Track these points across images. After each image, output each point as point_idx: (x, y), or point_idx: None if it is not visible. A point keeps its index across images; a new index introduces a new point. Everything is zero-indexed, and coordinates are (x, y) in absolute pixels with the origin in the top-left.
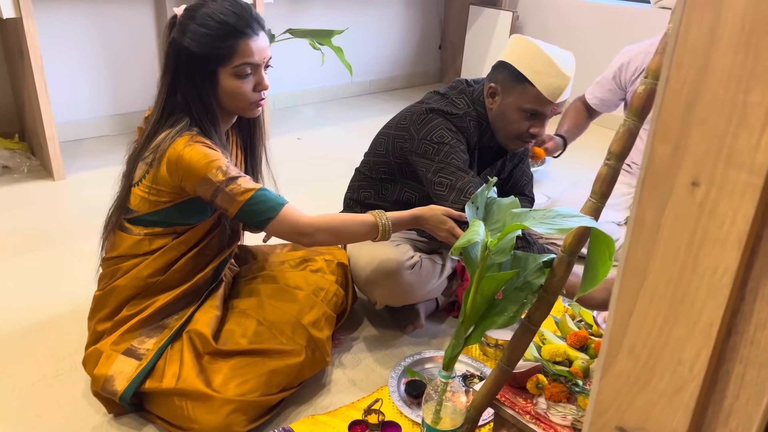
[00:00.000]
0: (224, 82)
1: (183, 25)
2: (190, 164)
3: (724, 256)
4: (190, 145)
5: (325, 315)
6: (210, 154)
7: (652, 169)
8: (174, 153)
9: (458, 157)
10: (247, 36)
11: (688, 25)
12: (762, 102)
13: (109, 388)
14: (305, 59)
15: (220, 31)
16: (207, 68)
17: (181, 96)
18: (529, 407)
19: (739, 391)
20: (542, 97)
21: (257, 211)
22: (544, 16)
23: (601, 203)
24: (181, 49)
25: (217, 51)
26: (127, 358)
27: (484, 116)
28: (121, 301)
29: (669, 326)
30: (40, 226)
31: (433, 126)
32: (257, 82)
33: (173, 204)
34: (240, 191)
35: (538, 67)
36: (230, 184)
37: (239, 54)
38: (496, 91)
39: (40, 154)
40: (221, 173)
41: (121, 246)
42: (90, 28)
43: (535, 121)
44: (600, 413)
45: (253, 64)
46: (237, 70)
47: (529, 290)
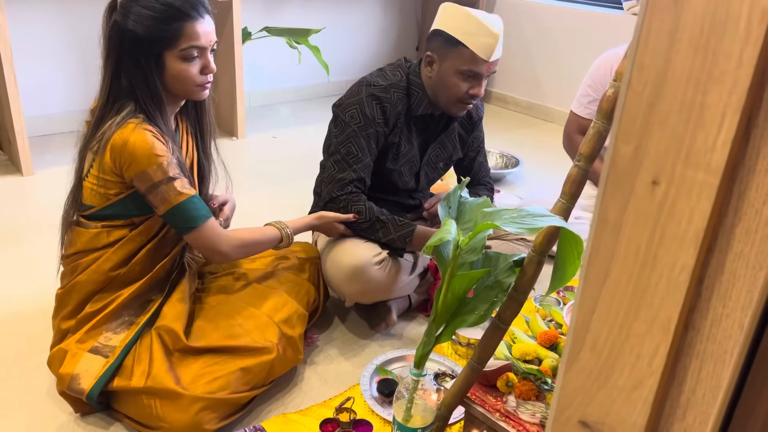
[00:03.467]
0: (170, 65)
1: (125, 8)
2: (133, 153)
3: (682, 254)
4: (137, 131)
5: (297, 313)
6: (156, 147)
7: (615, 169)
8: (119, 139)
9: (355, 144)
10: (193, 18)
11: (649, 28)
12: (719, 104)
13: (75, 386)
14: (282, 58)
15: (166, 14)
16: (152, 51)
17: (125, 80)
18: (499, 405)
19: (696, 386)
20: (477, 57)
21: (183, 217)
22: (520, 20)
23: (570, 204)
24: (125, 32)
25: (162, 34)
26: (93, 355)
27: (419, 85)
28: (84, 297)
29: (629, 322)
30: (7, 222)
31: (352, 103)
32: (204, 65)
33: (125, 196)
34: (174, 193)
35: (468, 29)
36: (168, 183)
37: (185, 37)
38: (433, 59)
39: (8, 148)
40: (161, 171)
41: (78, 241)
42: (61, 21)
43: (473, 82)
44: (563, 408)
45: (200, 47)
46: (183, 53)
47: (500, 289)
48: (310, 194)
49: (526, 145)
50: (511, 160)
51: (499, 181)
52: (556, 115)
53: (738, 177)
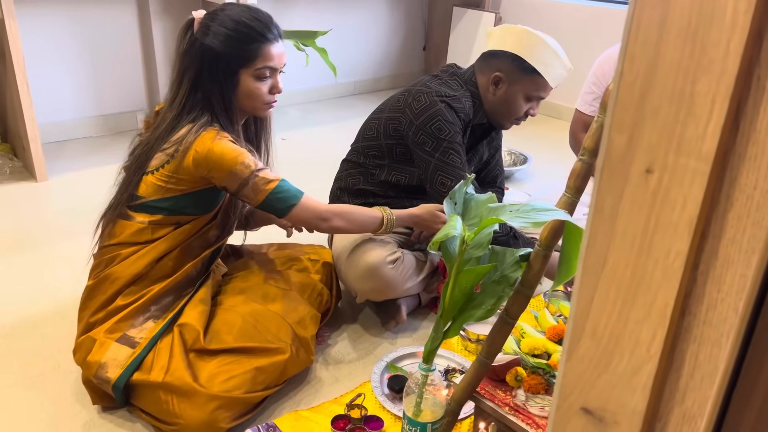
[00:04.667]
0: (244, 83)
1: (206, 27)
2: (221, 157)
3: (677, 240)
4: (218, 140)
5: (310, 314)
6: (236, 149)
7: (609, 158)
8: (203, 147)
9: (456, 153)
10: (269, 41)
11: (639, 20)
12: (708, 92)
13: (102, 375)
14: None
15: (246, 34)
16: (230, 68)
17: (202, 93)
18: (508, 399)
19: (694, 370)
20: (548, 86)
21: (281, 199)
22: (525, 17)
23: (575, 198)
24: (205, 48)
25: (241, 52)
26: (120, 345)
27: (477, 95)
28: (116, 290)
29: (627, 309)
30: (22, 228)
31: (432, 114)
32: (273, 85)
33: (187, 192)
34: (265, 182)
35: (546, 59)
36: (255, 177)
37: (262, 57)
38: (501, 80)
39: (22, 155)
40: (246, 167)
41: (122, 234)
42: (73, 28)
43: (533, 104)
44: (565, 396)
45: (272, 67)
46: (258, 72)
47: (507, 284)
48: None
49: (534, 142)
50: (520, 158)
51: (507, 179)
52: (564, 112)
53: (729, 164)
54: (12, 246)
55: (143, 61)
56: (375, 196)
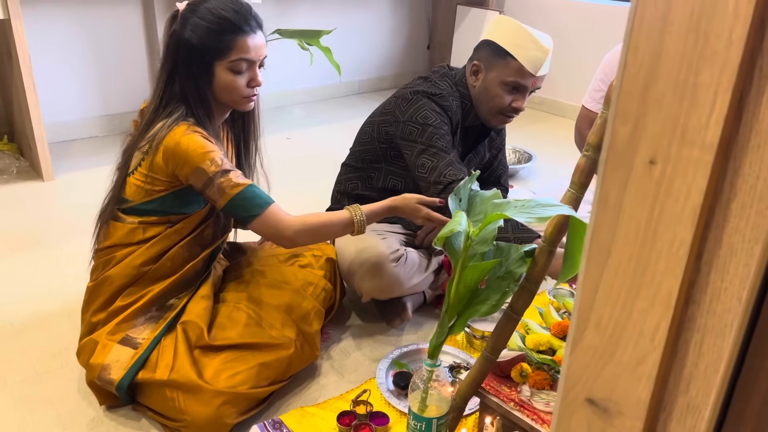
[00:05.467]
0: (219, 75)
1: (185, 18)
2: (186, 152)
3: (680, 230)
4: (188, 134)
5: (314, 309)
6: (206, 145)
7: (614, 149)
8: (171, 141)
9: (441, 138)
10: (244, 32)
11: (643, 11)
12: (711, 83)
13: (105, 377)
14: (294, 59)
15: (220, 26)
16: (204, 60)
17: (178, 86)
18: (513, 395)
19: (698, 360)
20: (524, 70)
21: (244, 206)
22: (530, 16)
23: (580, 193)
24: (181, 40)
25: (215, 44)
26: (123, 347)
27: (467, 96)
28: (115, 291)
29: (632, 299)
30: (29, 227)
31: (418, 107)
32: (251, 78)
33: (168, 192)
34: (230, 185)
35: (519, 42)
36: (222, 176)
37: (236, 49)
38: (480, 68)
39: (29, 155)
40: (215, 165)
41: (114, 235)
42: (78, 29)
43: (516, 95)
44: (570, 387)
45: (249, 60)
46: (233, 65)
47: (511, 279)
48: (325, 193)
49: (538, 140)
50: (524, 155)
51: (512, 176)
52: (568, 110)
53: (732, 153)
54: (19, 245)
55: (148, 60)
56: (374, 201)
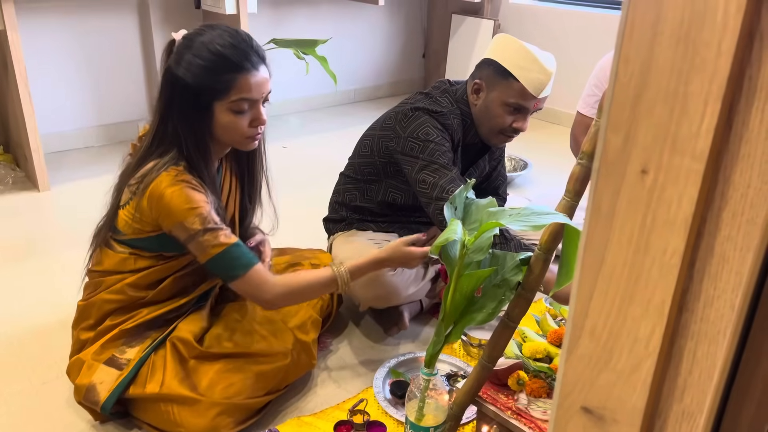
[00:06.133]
0: (219, 116)
1: (179, 54)
2: (170, 206)
3: (673, 238)
4: (175, 185)
5: (311, 319)
6: (192, 200)
7: (606, 159)
8: (157, 190)
9: (443, 155)
10: (245, 70)
11: (633, 21)
12: (701, 92)
13: (91, 397)
14: (290, 69)
15: (217, 64)
16: (202, 101)
17: (172, 126)
18: (510, 403)
19: (692, 367)
20: (526, 92)
21: (225, 266)
22: (524, 24)
23: (575, 201)
24: (176, 79)
25: (213, 84)
26: (108, 368)
27: (468, 114)
28: (104, 313)
29: (626, 307)
30: (25, 237)
31: (419, 124)
32: (254, 117)
33: (158, 234)
34: (213, 244)
35: (522, 63)
36: (205, 234)
37: (236, 89)
38: (481, 87)
39: (24, 165)
40: (198, 222)
41: (105, 262)
42: (74, 39)
43: (518, 116)
44: (566, 395)
45: (251, 99)
46: (233, 105)
47: (507, 287)
48: (321, 202)
49: (533, 148)
50: (519, 163)
51: (508, 184)
52: (563, 118)
53: (723, 162)
54: (15, 255)
55: (144, 70)
56: (372, 213)
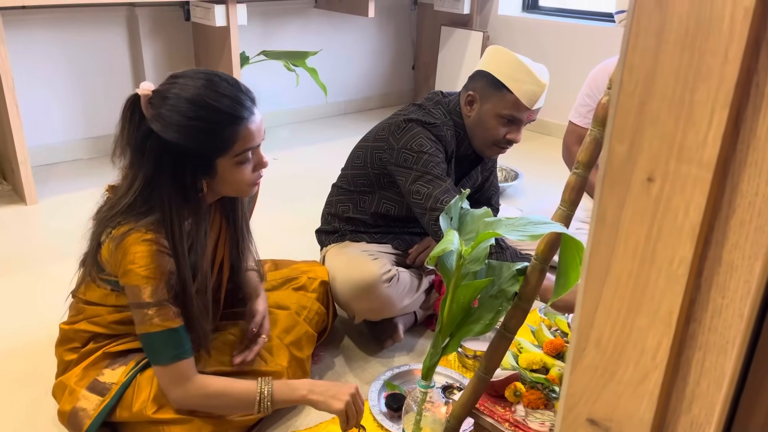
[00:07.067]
0: (224, 173)
1: (162, 117)
2: (131, 267)
3: (680, 247)
4: (143, 244)
5: (306, 334)
6: (153, 268)
7: (611, 168)
8: (123, 246)
9: (436, 166)
10: (244, 119)
11: (637, 30)
12: (707, 100)
13: (73, 423)
14: (280, 81)
15: (215, 120)
16: (202, 162)
17: (158, 193)
18: (507, 415)
19: (700, 378)
20: (519, 103)
21: (152, 347)
22: (513, 36)
23: (570, 211)
24: (167, 144)
25: (214, 142)
26: (90, 393)
27: (461, 125)
28: (87, 339)
29: (632, 317)
30: (12, 251)
31: (413, 135)
32: (257, 162)
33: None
34: (153, 321)
35: (515, 75)
36: (149, 308)
37: (241, 141)
38: (475, 99)
39: (11, 178)
40: (149, 294)
41: (88, 293)
42: (63, 51)
43: (511, 127)
44: (571, 407)
45: (254, 147)
46: (238, 159)
47: (504, 298)
48: (312, 213)
49: (524, 159)
50: (511, 174)
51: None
52: (554, 128)
53: (730, 170)
54: (2, 270)
55: (133, 82)
56: (366, 225)
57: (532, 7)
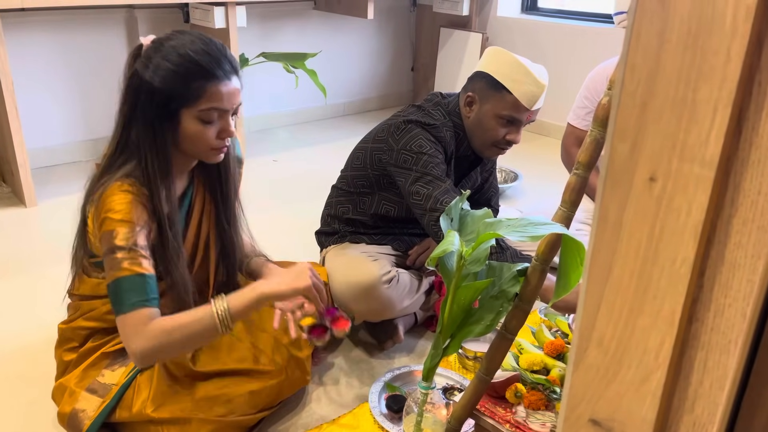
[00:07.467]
0: (186, 124)
1: (148, 58)
2: (107, 213)
3: (682, 247)
4: (122, 193)
5: None
6: (129, 213)
7: (613, 167)
8: (103, 197)
9: (436, 166)
10: (218, 79)
11: (639, 29)
12: (709, 99)
13: (73, 425)
14: (279, 82)
15: (189, 70)
16: (168, 107)
17: (134, 134)
18: (508, 416)
19: (703, 377)
20: (519, 104)
21: (118, 294)
22: (512, 37)
23: (571, 212)
24: (143, 82)
25: (182, 90)
26: (89, 395)
27: (460, 126)
28: (84, 336)
29: (634, 317)
30: (12, 253)
31: (412, 136)
32: (222, 128)
33: None
34: (121, 265)
35: (515, 76)
36: (121, 252)
37: (207, 97)
38: (474, 100)
39: (11, 181)
40: (123, 237)
41: (81, 287)
42: (62, 53)
43: (511, 128)
44: (573, 407)
45: (221, 109)
46: (202, 114)
47: (505, 298)
48: (312, 215)
49: (523, 160)
50: (510, 175)
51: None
52: (552, 130)
53: (732, 169)
54: (1, 272)
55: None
56: (365, 226)
57: (530, 8)
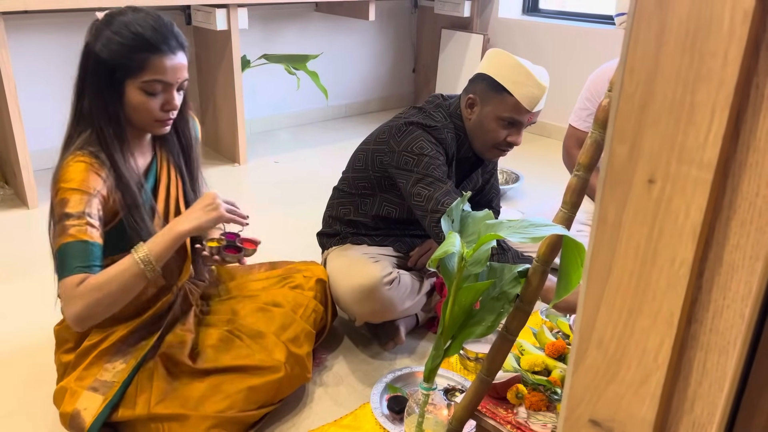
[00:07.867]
0: (130, 95)
1: (98, 30)
2: (62, 181)
3: (681, 248)
4: (78, 163)
5: (304, 331)
6: (83, 182)
7: (612, 169)
8: (58, 173)
9: (437, 168)
10: (161, 52)
11: (638, 32)
12: (708, 101)
13: (76, 425)
14: (281, 84)
15: (133, 42)
16: (114, 77)
17: (87, 103)
18: (510, 417)
19: (702, 378)
20: (520, 106)
21: (62, 260)
22: (513, 39)
23: (572, 213)
24: (91, 53)
25: (127, 62)
26: (92, 393)
27: (461, 128)
28: (79, 337)
29: (633, 318)
30: (14, 255)
31: (413, 138)
32: (166, 101)
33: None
34: (68, 231)
35: (516, 78)
36: (70, 219)
37: (150, 69)
38: (475, 102)
39: (13, 182)
40: (73, 205)
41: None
42: (64, 55)
43: (512, 130)
44: (573, 408)
45: (165, 82)
46: (145, 86)
47: (506, 300)
48: (314, 216)
49: (525, 161)
50: (511, 176)
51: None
52: (553, 131)
53: (730, 171)
54: (5, 274)
55: None
56: (367, 227)
57: (532, 9)
